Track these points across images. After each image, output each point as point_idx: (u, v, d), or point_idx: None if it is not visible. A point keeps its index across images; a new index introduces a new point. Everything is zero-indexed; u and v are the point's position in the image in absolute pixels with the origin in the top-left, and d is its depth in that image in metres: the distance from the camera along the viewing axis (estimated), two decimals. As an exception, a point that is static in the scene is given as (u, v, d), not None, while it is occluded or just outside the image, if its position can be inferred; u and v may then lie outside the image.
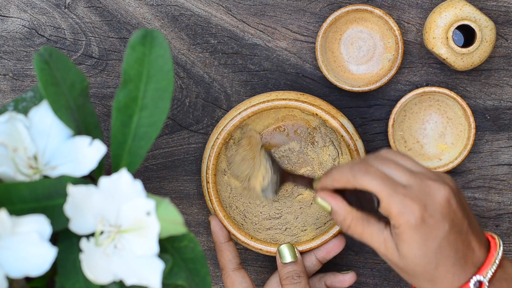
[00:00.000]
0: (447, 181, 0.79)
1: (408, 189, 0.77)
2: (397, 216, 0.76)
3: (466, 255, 0.77)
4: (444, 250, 0.77)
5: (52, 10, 0.99)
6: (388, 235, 0.79)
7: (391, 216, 0.77)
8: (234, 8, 1.00)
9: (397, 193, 0.76)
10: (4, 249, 0.71)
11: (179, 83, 1.00)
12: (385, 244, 0.79)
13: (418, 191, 0.77)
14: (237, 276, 0.94)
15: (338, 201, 0.81)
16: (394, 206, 0.76)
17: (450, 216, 0.77)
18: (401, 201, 0.76)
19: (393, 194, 0.76)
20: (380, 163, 0.79)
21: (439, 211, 0.76)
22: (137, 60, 0.77)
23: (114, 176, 0.73)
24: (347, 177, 0.79)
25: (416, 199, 0.76)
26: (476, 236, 0.78)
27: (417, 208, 0.76)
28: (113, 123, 0.77)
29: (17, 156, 0.75)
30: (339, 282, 0.96)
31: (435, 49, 0.95)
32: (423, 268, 0.77)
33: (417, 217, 0.76)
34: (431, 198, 0.77)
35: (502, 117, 1.00)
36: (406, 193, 0.76)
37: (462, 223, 0.78)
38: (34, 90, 0.80)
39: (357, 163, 0.80)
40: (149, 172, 1.01)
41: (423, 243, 0.76)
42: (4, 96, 1.00)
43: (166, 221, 0.73)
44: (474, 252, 0.78)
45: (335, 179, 0.81)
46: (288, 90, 0.99)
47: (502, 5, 0.99)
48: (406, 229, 0.76)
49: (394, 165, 0.79)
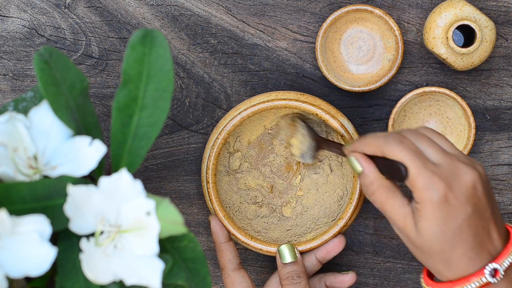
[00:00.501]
0: (477, 167, 0.79)
1: (437, 167, 0.77)
2: (421, 191, 0.77)
3: (483, 242, 0.77)
4: (463, 232, 0.77)
5: (52, 10, 1.00)
6: (409, 211, 0.79)
7: (416, 189, 0.77)
8: (234, 8, 1.00)
9: (426, 168, 0.77)
10: (4, 249, 0.71)
11: (179, 83, 1.00)
12: (405, 219, 0.79)
13: (447, 170, 0.77)
14: (237, 276, 0.94)
15: (370, 164, 0.81)
16: (421, 180, 0.77)
17: (474, 201, 0.77)
18: (428, 176, 0.76)
19: (422, 168, 0.77)
20: (415, 137, 0.80)
21: (464, 193, 0.77)
22: (137, 60, 0.77)
23: (114, 176, 0.73)
24: (380, 143, 0.80)
25: (444, 177, 0.76)
26: (496, 226, 0.79)
27: (442, 186, 0.76)
28: (113, 123, 0.77)
29: (17, 156, 0.75)
30: (339, 282, 0.96)
31: (435, 49, 0.95)
32: (440, 247, 0.77)
33: (441, 195, 0.76)
34: (459, 179, 0.77)
35: (502, 117, 1.00)
36: (435, 170, 0.77)
37: (485, 210, 0.78)
38: (34, 90, 0.80)
39: (392, 133, 0.80)
40: (149, 172, 1.01)
41: (443, 222, 0.76)
42: (4, 96, 1.00)
43: (166, 221, 0.73)
44: (492, 241, 0.78)
45: (367, 143, 0.81)
46: (288, 90, 0.99)
47: (502, 5, 0.99)
48: (428, 205, 0.76)
49: (428, 142, 0.79)
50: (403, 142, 0.79)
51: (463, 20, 0.93)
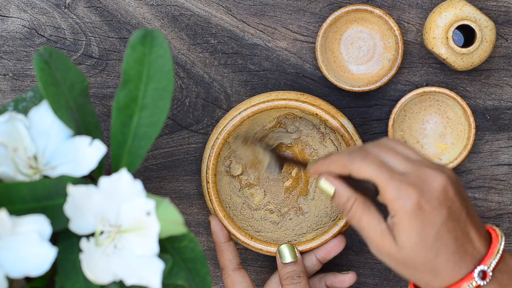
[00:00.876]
0: (445, 170, 0.78)
1: (405, 175, 0.76)
2: (393, 202, 0.76)
3: (465, 244, 0.77)
4: (443, 237, 0.76)
5: (52, 10, 1.00)
6: (385, 227, 0.78)
7: (388, 202, 0.76)
8: (234, 8, 1.00)
9: (393, 179, 0.76)
10: (4, 249, 0.71)
11: (179, 83, 1.00)
12: (382, 236, 0.77)
13: (415, 177, 0.76)
14: (237, 276, 0.94)
15: (341, 182, 0.80)
16: (390, 191, 0.76)
17: (447, 204, 0.76)
18: (397, 186, 0.76)
19: (390, 180, 0.76)
20: (378, 150, 0.79)
21: (435, 197, 0.76)
22: (137, 60, 0.77)
23: (114, 176, 0.73)
24: (344, 161, 0.79)
25: (412, 185, 0.76)
26: (475, 227, 0.78)
27: (413, 193, 0.75)
28: (113, 123, 0.77)
29: (17, 156, 0.75)
30: (339, 282, 0.96)
31: (435, 49, 0.95)
32: (423, 256, 0.76)
33: (413, 202, 0.75)
34: (428, 185, 0.76)
35: (502, 117, 1.00)
36: (402, 179, 0.76)
37: (460, 212, 0.77)
38: (34, 90, 0.80)
39: (355, 149, 0.79)
40: (149, 172, 1.01)
41: (421, 230, 0.75)
42: (4, 96, 1.00)
43: (166, 221, 0.73)
44: (473, 243, 0.77)
45: (332, 162, 0.80)
46: (288, 90, 0.99)
47: (502, 5, 0.99)
48: (403, 216, 0.75)
49: (392, 152, 0.79)
50: (367, 157, 0.78)
51: (463, 20, 0.93)
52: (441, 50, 0.95)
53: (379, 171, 0.77)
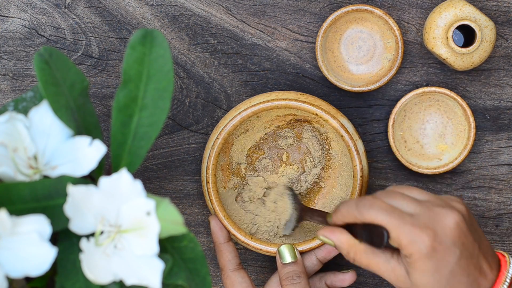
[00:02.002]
0: (455, 205, 0.79)
1: (415, 218, 0.77)
2: (407, 246, 0.77)
3: (478, 279, 0.78)
4: (456, 275, 0.77)
5: (52, 10, 1.00)
6: (395, 263, 0.79)
7: (402, 246, 0.77)
8: (234, 8, 1.00)
9: (405, 223, 0.77)
10: (4, 249, 0.71)
11: (179, 83, 1.00)
12: (394, 273, 0.79)
13: (426, 219, 0.77)
14: (236, 276, 0.94)
15: (338, 235, 0.82)
16: (404, 237, 0.77)
17: (461, 240, 0.77)
18: (410, 230, 0.77)
19: (401, 225, 0.77)
20: (386, 196, 0.80)
21: (449, 237, 0.77)
22: (137, 60, 0.77)
23: (114, 176, 0.73)
24: (354, 213, 0.80)
25: (425, 227, 0.77)
26: (487, 259, 0.79)
27: (426, 236, 0.76)
28: (113, 123, 0.77)
29: (17, 156, 0.75)
30: (339, 281, 0.96)
31: (435, 49, 0.95)
32: None
33: (428, 245, 0.76)
34: (440, 224, 0.77)
35: (502, 117, 1.00)
36: (414, 222, 0.77)
37: (473, 247, 0.78)
38: (34, 90, 0.80)
39: (363, 198, 0.81)
40: (149, 172, 1.01)
41: (435, 270, 0.77)
42: (4, 96, 1.00)
43: (166, 221, 0.73)
44: (486, 276, 0.78)
45: (343, 215, 0.82)
46: (288, 90, 0.99)
47: (502, 5, 0.99)
48: (417, 258, 0.77)
49: (400, 196, 0.80)
50: (374, 204, 0.79)
51: (463, 20, 0.93)
52: (441, 50, 0.95)
53: (388, 217, 0.78)
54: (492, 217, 1.00)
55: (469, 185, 1.00)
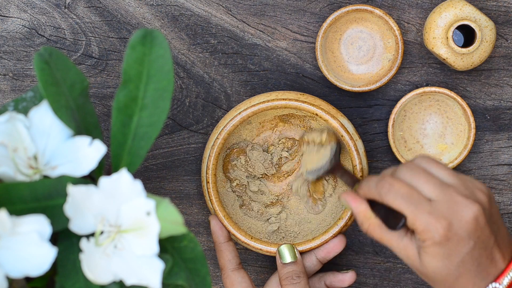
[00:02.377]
0: (478, 196, 0.78)
1: (433, 205, 0.77)
2: (422, 233, 0.77)
3: (488, 268, 0.78)
4: (466, 264, 0.77)
5: (52, 10, 1.00)
6: (408, 242, 0.80)
7: (417, 231, 0.78)
8: (234, 8, 1.00)
9: (421, 211, 0.77)
10: (4, 249, 0.71)
11: (179, 83, 1.00)
12: (406, 251, 0.80)
13: (444, 207, 0.77)
14: (236, 276, 0.94)
15: (358, 205, 0.83)
16: (419, 223, 0.77)
17: (477, 234, 0.77)
18: (425, 218, 0.77)
19: (417, 212, 0.77)
20: (410, 173, 0.79)
21: (464, 229, 0.77)
22: (137, 60, 0.77)
23: (114, 176, 0.73)
24: (373, 193, 0.81)
25: (441, 217, 0.76)
26: (502, 250, 0.79)
27: (440, 226, 0.76)
28: (113, 123, 0.77)
29: (17, 156, 0.75)
30: (338, 281, 0.96)
31: (435, 49, 0.95)
32: (444, 278, 0.78)
33: (441, 234, 0.76)
34: (458, 215, 0.77)
35: (502, 117, 1.00)
36: (431, 210, 0.77)
37: (488, 240, 0.78)
38: (34, 90, 0.80)
39: (383, 177, 0.80)
40: (149, 172, 1.01)
41: (446, 257, 0.77)
42: (4, 96, 1.00)
43: (166, 221, 0.73)
44: (496, 265, 0.78)
45: (364, 192, 0.82)
46: (288, 90, 0.99)
47: (502, 5, 0.99)
48: (430, 244, 0.77)
49: (424, 176, 0.79)
50: (393, 187, 0.78)
51: (463, 20, 0.93)
52: (441, 50, 0.95)
53: (405, 203, 0.77)
54: (492, 217, 1.00)
55: (469, 185, 1.00)
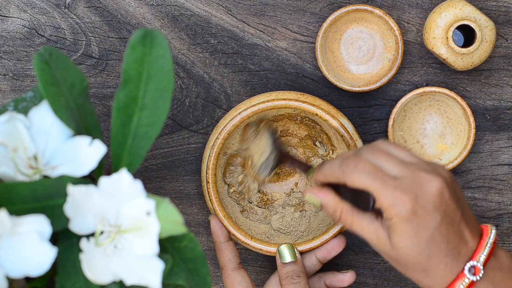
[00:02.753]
0: (440, 172, 0.78)
1: (399, 181, 0.77)
2: (388, 209, 0.76)
3: (458, 246, 0.77)
4: (436, 240, 0.76)
5: (52, 10, 1.00)
6: (378, 226, 0.79)
7: (383, 208, 0.77)
8: (234, 8, 1.00)
9: (387, 186, 0.76)
10: (4, 249, 0.71)
11: (179, 83, 1.00)
12: (377, 235, 0.79)
13: (409, 182, 0.76)
14: (236, 275, 0.94)
15: (326, 194, 0.82)
16: (385, 199, 0.76)
17: (442, 207, 0.76)
18: (391, 193, 0.76)
19: (383, 187, 0.76)
20: (372, 154, 0.79)
21: (430, 202, 0.76)
22: (137, 60, 0.77)
23: (114, 176, 0.73)
24: (337, 173, 0.80)
25: (407, 191, 0.76)
26: (469, 227, 0.78)
27: (407, 200, 0.76)
28: (113, 123, 0.77)
29: (17, 156, 0.75)
30: (338, 281, 0.96)
31: (435, 49, 0.95)
32: (415, 258, 0.77)
33: (408, 209, 0.76)
34: (423, 189, 0.76)
35: (502, 117, 1.00)
36: (396, 185, 0.76)
37: (454, 214, 0.77)
38: (34, 90, 0.80)
39: (346, 157, 0.80)
40: (149, 172, 1.01)
41: (414, 234, 0.76)
42: (4, 96, 1.00)
43: (166, 221, 0.73)
44: (467, 243, 0.78)
45: (325, 174, 0.81)
46: (288, 90, 0.99)
47: (502, 5, 0.99)
48: (397, 220, 0.76)
49: (386, 156, 0.79)
50: (358, 166, 0.78)
51: (463, 20, 0.93)
52: (441, 50, 0.95)
53: (371, 179, 0.77)
54: (492, 217, 1.00)
55: (469, 185, 1.00)
